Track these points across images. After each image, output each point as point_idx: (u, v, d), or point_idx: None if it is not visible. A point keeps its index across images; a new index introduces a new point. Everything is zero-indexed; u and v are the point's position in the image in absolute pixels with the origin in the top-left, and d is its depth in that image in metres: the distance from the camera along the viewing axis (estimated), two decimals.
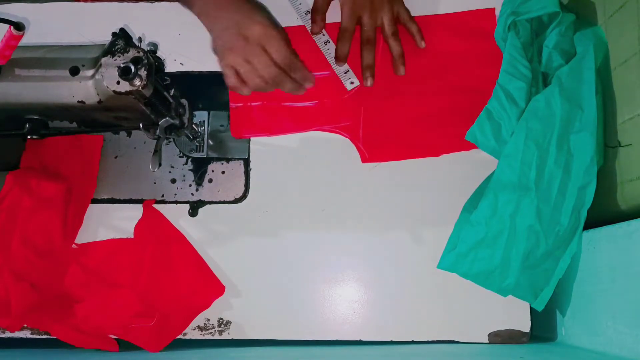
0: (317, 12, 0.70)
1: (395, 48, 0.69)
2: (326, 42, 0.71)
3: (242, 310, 0.68)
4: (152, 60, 0.54)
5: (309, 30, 0.71)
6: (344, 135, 0.70)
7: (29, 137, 0.62)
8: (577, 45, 0.64)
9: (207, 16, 0.64)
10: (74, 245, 0.69)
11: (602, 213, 0.60)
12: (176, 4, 0.74)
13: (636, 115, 0.56)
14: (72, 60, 0.58)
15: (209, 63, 0.73)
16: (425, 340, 0.66)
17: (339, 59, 0.70)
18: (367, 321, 0.67)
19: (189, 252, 0.68)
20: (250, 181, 0.71)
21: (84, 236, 0.70)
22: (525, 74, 0.64)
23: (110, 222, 0.70)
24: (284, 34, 0.64)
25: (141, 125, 0.60)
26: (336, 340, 0.67)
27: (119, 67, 0.53)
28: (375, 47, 0.70)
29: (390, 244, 0.68)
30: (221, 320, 0.68)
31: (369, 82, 0.69)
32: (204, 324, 0.68)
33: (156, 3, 0.75)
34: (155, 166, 0.61)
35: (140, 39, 0.66)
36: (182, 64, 0.73)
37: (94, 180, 0.71)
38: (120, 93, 0.53)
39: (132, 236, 0.69)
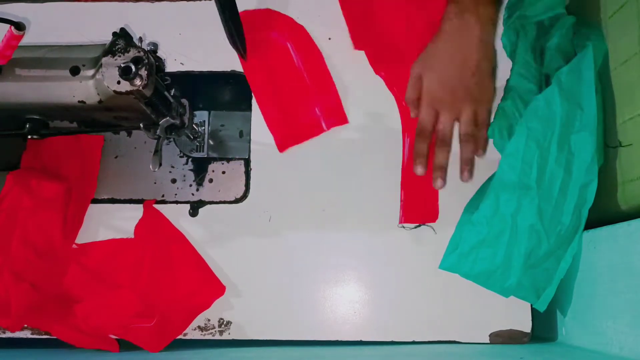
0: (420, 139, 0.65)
1: (465, 152, 0.64)
2: None
3: (243, 310, 0.68)
4: (152, 60, 0.54)
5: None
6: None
7: (29, 137, 0.62)
8: (576, 46, 0.64)
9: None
10: (74, 245, 0.69)
11: (603, 213, 0.60)
12: (176, 3, 0.74)
13: (637, 115, 0.56)
14: (73, 60, 0.58)
15: (209, 63, 0.73)
16: (426, 340, 0.66)
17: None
18: (368, 321, 0.67)
19: (189, 252, 0.68)
20: (250, 181, 0.71)
21: (84, 236, 0.70)
22: (536, 77, 0.64)
23: (110, 222, 0.70)
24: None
25: (141, 125, 0.60)
26: (337, 340, 0.67)
27: (119, 67, 0.53)
28: (450, 148, 0.65)
29: (391, 244, 0.68)
30: (221, 321, 0.68)
31: (438, 184, 0.64)
32: (205, 324, 0.68)
33: (156, 3, 0.75)
34: (156, 166, 0.60)
35: (140, 39, 0.66)
36: (183, 64, 0.73)
37: (94, 180, 0.71)
38: (120, 93, 0.53)
39: (132, 236, 0.69)
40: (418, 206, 0.68)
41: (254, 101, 0.72)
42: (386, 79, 0.71)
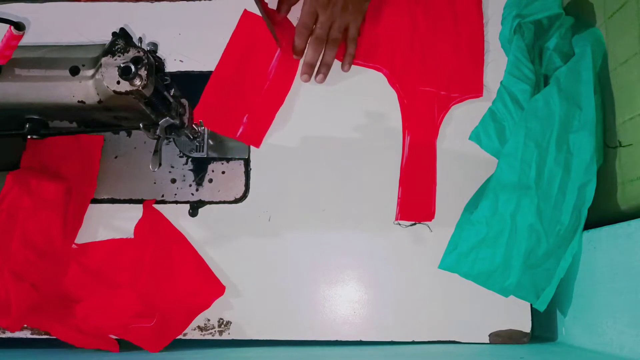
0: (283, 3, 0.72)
1: (326, 55, 0.70)
2: None
3: (242, 310, 0.68)
4: (152, 60, 0.54)
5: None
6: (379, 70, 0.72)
7: (29, 137, 0.62)
8: (575, 47, 0.64)
9: None
10: (74, 245, 0.69)
11: (603, 213, 0.60)
12: (176, 3, 0.74)
13: (636, 115, 0.56)
14: (72, 60, 0.58)
15: (209, 63, 0.73)
16: (426, 340, 0.66)
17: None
18: (368, 321, 0.67)
19: (189, 252, 0.68)
20: (250, 181, 0.71)
21: (84, 236, 0.70)
22: (530, 77, 0.64)
23: (110, 222, 0.70)
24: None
25: (141, 125, 0.60)
26: (336, 340, 0.67)
27: (119, 67, 0.53)
28: (322, 48, 0.70)
29: (390, 244, 0.68)
30: (221, 321, 0.68)
31: (303, 79, 0.71)
32: (204, 324, 0.68)
33: (156, 3, 0.75)
34: (156, 166, 0.60)
35: (140, 39, 0.66)
36: (182, 61, 0.73)
37: (94, 180, 0.71)
38: (120, 93, 0.53)
39: (132, 236, 0.69)
40: (415, 205, 0.68)
41: None
42: (388, 77, 0.71)
